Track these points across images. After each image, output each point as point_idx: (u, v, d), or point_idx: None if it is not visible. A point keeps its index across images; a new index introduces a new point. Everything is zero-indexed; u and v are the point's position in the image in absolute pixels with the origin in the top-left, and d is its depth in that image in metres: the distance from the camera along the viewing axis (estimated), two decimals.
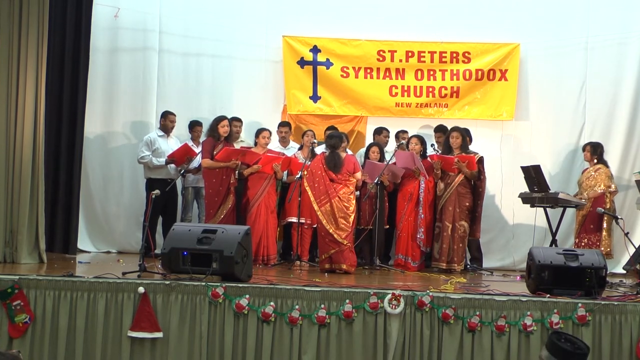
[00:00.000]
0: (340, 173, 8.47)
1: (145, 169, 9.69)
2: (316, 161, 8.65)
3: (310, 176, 8.53)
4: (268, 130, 9.46)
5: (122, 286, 6.39)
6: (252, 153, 9.20)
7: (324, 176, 8.44)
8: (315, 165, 8.58)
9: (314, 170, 8.53)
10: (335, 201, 8.37)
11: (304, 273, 8.32)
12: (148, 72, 10.44)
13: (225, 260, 6.47)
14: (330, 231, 8.33)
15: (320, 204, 8.40)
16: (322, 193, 8.40)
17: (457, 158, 9.02)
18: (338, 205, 8.37)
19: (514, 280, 8.64)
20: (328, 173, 8.46)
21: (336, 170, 8.45)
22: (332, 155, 8.51)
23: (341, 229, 8.34)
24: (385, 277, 8.32)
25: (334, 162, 8.46)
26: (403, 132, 10.11)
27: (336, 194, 8.41)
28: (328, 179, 8.45)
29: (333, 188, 8.43)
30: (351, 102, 10.57)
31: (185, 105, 10.31)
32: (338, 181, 8.47)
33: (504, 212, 10.30)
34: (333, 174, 8.46)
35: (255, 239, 8.81)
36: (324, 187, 8.41)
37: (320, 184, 8.43)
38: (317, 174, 8.46)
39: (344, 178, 8.50)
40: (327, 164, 8.48)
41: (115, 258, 9.39)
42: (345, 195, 8.46)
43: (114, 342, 6.34)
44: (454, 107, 10.43)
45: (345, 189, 8.49)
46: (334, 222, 8.34)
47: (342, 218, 8.37)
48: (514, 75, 10.25)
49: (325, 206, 8.38)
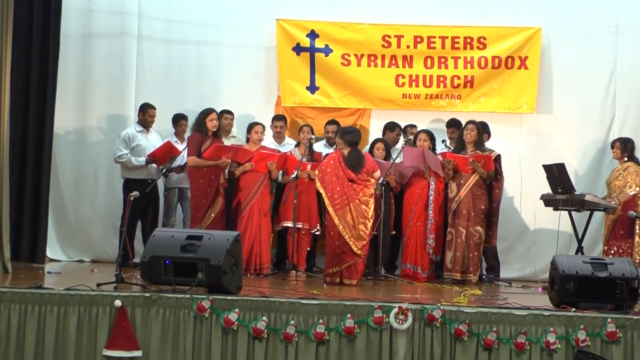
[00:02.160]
0: (360, 173, 8.47)
1: (122, 169, 9.69)
2: (331, 159, 8.62)
3: (323, 176, 8.50)
4: (261, 125, 9.44)
5: (96, 299, 6.35)
6: (244, 150, 9.20)
7: (343, 176, 8.43)
8: (330, 164, 8.55)
9: (330, 169, 8.50)
10: (355, 205, 8.38)
11: (300, 284, 8.31)
12: (126, 61, 10.44)
13: (212, 269, 6.45)
14: (348, 240, 8.31)
15: (337, 207, 8.37)
16: (339, 195, 8.38)
17: (472, 158, 9.04)
18: (358, 209, 8.38)
19: (535, 292, 8.68)
20: (347, 172, 8.44)
21: (358, 169, 8.45)
22: (354, 153, 8.49)
23: (360, 237, 8.34)
24: (391, 289, 8.32)
25: (357, 160, 8.45)
26: (411, 127, 10.13)
27: (356, 196, 8.41)
28: (347, 180, 8.43)
29: (353, 189, 8.42)
30: (353, 94, 10.57)
31: (167, 97, 10.31)
32: (358, 182, 8.47)
33: (524, 217, 10.29)
34: (353, 174, 8.45)
35: (247, 246, 8.82)
36: (342, 188, 8.39)
37: (337, 184, 8.41)
38: (334, 174, 8.45)
39: (363, 178, 8.51)
40: (348, 162, 8.46)
41: (88, 268, 9.37)
42: (365, 198, 8.47)
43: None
44: (468, 99, 10.43)
45: (365, 191, 8.49)
46: (353, 229, 8.33)
47: (361, 224, 8.37)
48: (535, 63, 10.24)
49: (344, 210, 8.36)
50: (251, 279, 8.57)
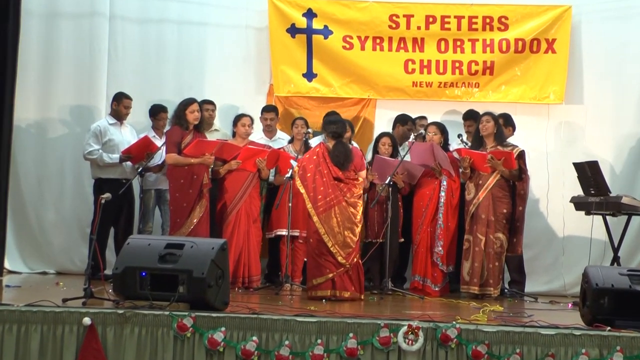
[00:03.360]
0: (348, 170, 8.45)
1: (93, 167, 9.70)
2: (314, 153, 8.60)
3: (304, 173, 8.49)
4: (249, 117, 9.45)
5: (62, 316, 6.29)
6: (230, 146, 9.21)
7: (327, 174, 8.42)
8: (313, 160, 8.54)
9: (313, 165, 8.48)
10: (341, 207, 8.37)
11: (295, 299, 8.31)
12: (96, 44, 10.45)
13: (194, 282, 6.42)
14: (331, 248, 8.31)
15: (320, 210, 8.35)
16: (323, 196, 8.37)
17: (490, 154, 9.00)
18: (344, 212, 8.36)
19: (565, 308, 8.69)
20: (333, 169, 8.43)
21: (345, 166, 8.44)
22: (340, 147, 8.48)
23: (346, 244, 8.33)
24: (400, 305, 8.33)
25: (344, 154, 8.44)
26: (421, 119, 10.17)
27: (343, 197, 8.40)
28: (332, 178, 8.42)
29: (339, 189, 8.41)
30: (355, 82, 10.59)
31: (144, 85, 10.37)
32: (345, 181, 8.47)
33: (552, 222, 10.32)
34: (340, 171, 8.44)
35: (234, 256, 8.85)
36: (326, 188, 8.38)
37: (320, 183, 8.39)
38: (317, 171, 8.43)
39: (351, 177, 8.51)
40: (333, 157, 8.44)
41: (53, 280, 9.33)
42: (352, 199, 8.46)
43: None
44: (487, 87, 10.45)
45: (352, 191, 8.49)
46: (338, 235, 8.32)
47: (348, 230, 8.36)
48: (564, 46, 10.26)
49: (328, 213, 8.34)
50: (239, 293, 8.59)
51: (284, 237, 9.18)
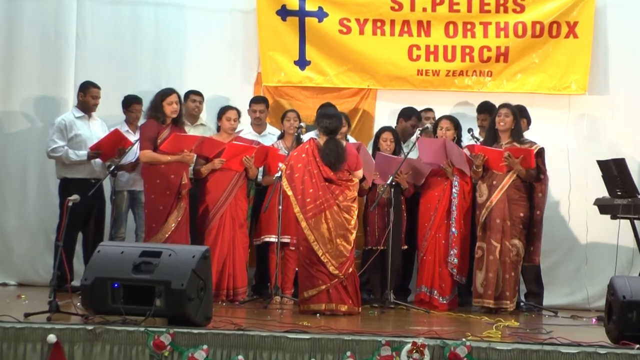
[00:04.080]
0: (340, 170, 8.44)
1: (58, 166, 9.70)
2: (303, 151, 8.56)
3: (292, 173, 8.46)
4: (236, 110, 9.45)
5: (24, 333, 6.24)
6: (213, 141, 9.20)
7: (318, 174, 8.40)
8: (302, 158, 8.49)
9: (301, 164, 8.45)
10: (332, 212, 8.35)
11: (286, 313, 8.35)
12: (62, 27, 10.48)
13: (173, 295, 6.39)
14: (322, 258, 8.28)
15: (309, 215, 8.33)
16: (313, 199, 8.34)
17: (507, 152, 8.98)
18: (337, 218, 8.34)
19: (588, 323, 8.67)
20: (324, 170, 8.40)
21: (336, 166, 8.40)
22: (332, 144, 8.44)
23: (339, 253, 8.31)
24: (403, 319, 8.36)
25: (335, 153, 8.39)
26: (427, 111, 10.18)
27: (334, 200, 8.37)
28: (323, 179, 8.40)
29: (330, 192, 8.39)
30: (354, 70, 10.59)
31: (116, 74, 10.39)
32: (337, 182, 8.44)
33: (574, 227, 10.34)
34: (331, 172, 8.41)
35: (217, 265, 8.87)
36: (316, 190, 8.35)
37: (309, 184, 8.37)
38: (306, 171, 8.40)
39: (344, 178, 8.48)
40: (324, 156, 8.41)
41: (14, 293, 9.37)
42: (346, 203, 8.43)
43: None
44: (501, 76, 10.45)
45: (346, 194, 8.46)
46: (329, 243, 8.31)
47: (340, 237, 8.34)
48: (588, 30, 10.26)
49: (317, 218, 8.32)
50: (223, 307, 8.62)
51: (273, 244, 9.20)
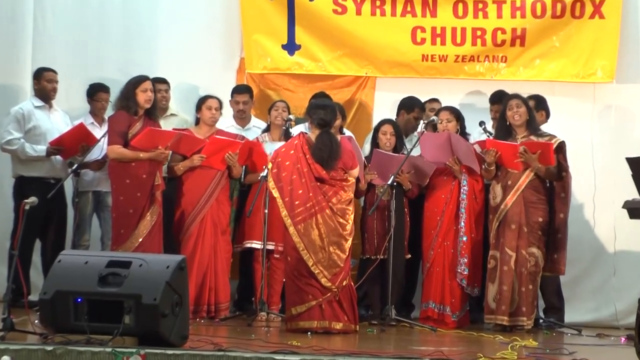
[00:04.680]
0: (334, 169, 8.36)
1: (14, 162, 9.71)
2: (292, 147, 8.52)
3: (279, 171, 8.43)
4: (217, 99, 9.44)
5: None
6: (193, 139, 9.19)
7: (308, 173, 8.34)
8: (290, 155, 8.46)
9: (290, 162, 8.41)
10: (324, 216, 8.30)
11: (273, 332, 8.38)
12: (19, 9, 10.55)
13: (144, 311, 6.33)
14: (313, 269, 8.22)
15: (298, 219, 8.30)
16: (302, 201, 8.30)
17: (522, 146, 8.90)
18: (329, 222, 8.30)
19: (617, 343, 8.67)
20: (315, 168, 8.34)
21: (329, 164, 8.35)
22: (325, 139, 8.38)
23: (332, 263, 8.27)
24: (407, 339, 8.41)
25: (329, 149, 8.34)
26: (432, 102, 10.17)
27: (327, 203, 8.32)
28: (314, 178, 8.34)
29: (322, 193, 8.33)
30: (350, 55, 10.62)
31: (79, 61, 10.49)
32: (330, 182, 8.38)
33: (600, 233, 10.30)
34: (323, 170, 8.35)
35: (197, 278, 8.90)
36: (306, 192, 8.30)
37: (298, 185, 8.32)
38: (295, 170, 8.36)
39: (338, 177, 8.42)
40: (315, 152, 8.36)
41: None
42: (340, 205, 8.36)
43: None
44: (517, 62, 10.45)
45: (340, 195, 8.38)
46: (321, 252, 8.26)
47: (334, 245, 8.30)
48: (615, 9, 10.27)
49: (307, 223, 8.29)
50: (202, 324, 8.67)
51: (258, 253, 9.22)
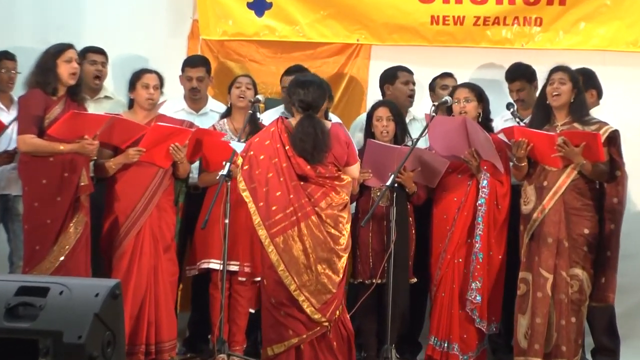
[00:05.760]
0: (322, 163, 8.09)
1: None
2: (268, 136, 8.38)
3: (251, 168, 8.26)
4: (156, 74, 9.23)
5: None
6: (127, 123, 9.00)
7: (288, 169, 8.23)
8: (266, 147, 8.32)
9: (267, 155, 8.28)
10: (310, 225, 8.15)
11: None
12: None
13: (66, 352, 5.76)
14: (295, 294, 8.06)
15: (275, 231, 8.16)
16: (281, 206, 8.16)
17: (561, 137, 8.52)
18: (317, 233, 8.16)
19: None
20: (296, 162, 8.17)
21: (315, 157, 8.18)
22: (308, 125, 8.20)
23: (322, 288, 8.14)
24: None
25: (312, 138, 8.18)
26: (445, 78, 10.09)
27: (313, 207, 8.17)
28: (295, 176, 8.18)
29: (307, 195, 8.21)
30: (336, 16, 10.61)
31: None
32: (317, 181, 8.22)
33: None
34: (307, 166, 8.16)
35: (133, 308, 8.73)
36: (286, 194, 8.17)
37: (276, 185, 8.19)
38: (272, 166, 8.23)
39: (328, 174, 8.23)
40: (296, 143, 8.20)
41: None
42: (330, 211, 8.20)
43: None
44: (556, 26, 10.37)
45: (331, 197, 8.23)
46: (307, 273, 8.13)
47: (323, 263, 8.16)
48: None
49: (287, 235, 8.15)
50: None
51: (216, 275, 8.92)
